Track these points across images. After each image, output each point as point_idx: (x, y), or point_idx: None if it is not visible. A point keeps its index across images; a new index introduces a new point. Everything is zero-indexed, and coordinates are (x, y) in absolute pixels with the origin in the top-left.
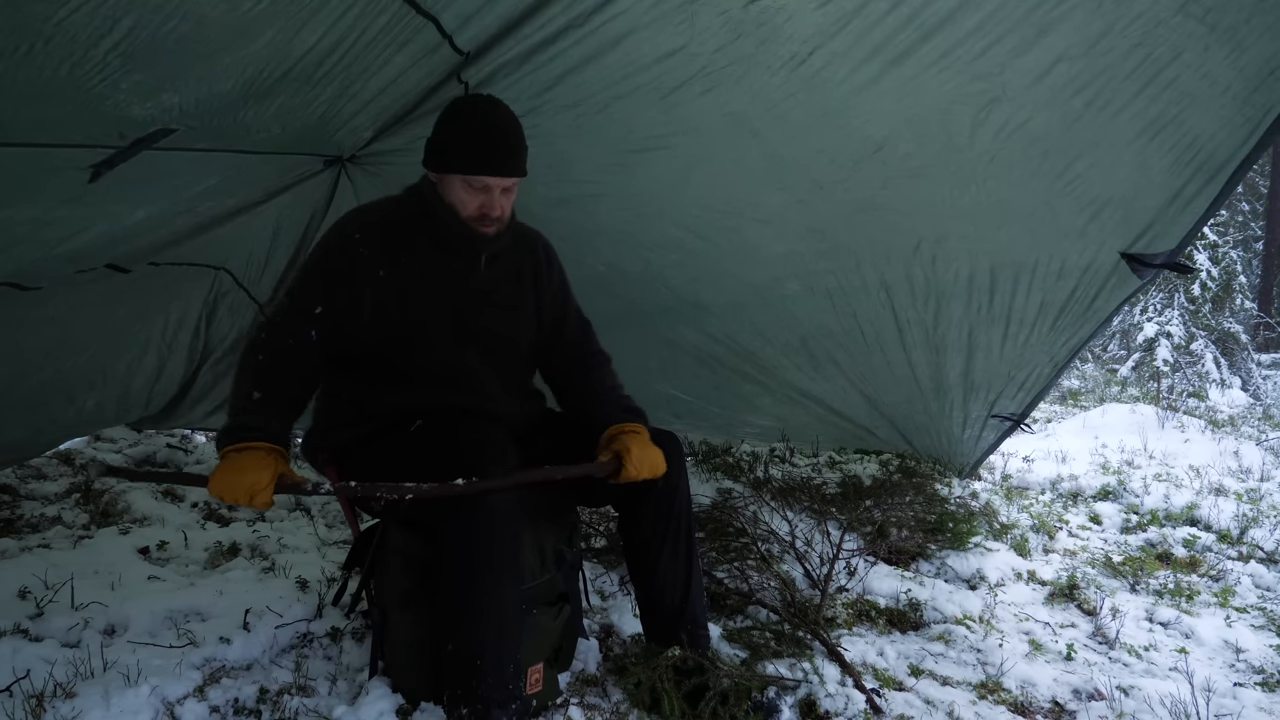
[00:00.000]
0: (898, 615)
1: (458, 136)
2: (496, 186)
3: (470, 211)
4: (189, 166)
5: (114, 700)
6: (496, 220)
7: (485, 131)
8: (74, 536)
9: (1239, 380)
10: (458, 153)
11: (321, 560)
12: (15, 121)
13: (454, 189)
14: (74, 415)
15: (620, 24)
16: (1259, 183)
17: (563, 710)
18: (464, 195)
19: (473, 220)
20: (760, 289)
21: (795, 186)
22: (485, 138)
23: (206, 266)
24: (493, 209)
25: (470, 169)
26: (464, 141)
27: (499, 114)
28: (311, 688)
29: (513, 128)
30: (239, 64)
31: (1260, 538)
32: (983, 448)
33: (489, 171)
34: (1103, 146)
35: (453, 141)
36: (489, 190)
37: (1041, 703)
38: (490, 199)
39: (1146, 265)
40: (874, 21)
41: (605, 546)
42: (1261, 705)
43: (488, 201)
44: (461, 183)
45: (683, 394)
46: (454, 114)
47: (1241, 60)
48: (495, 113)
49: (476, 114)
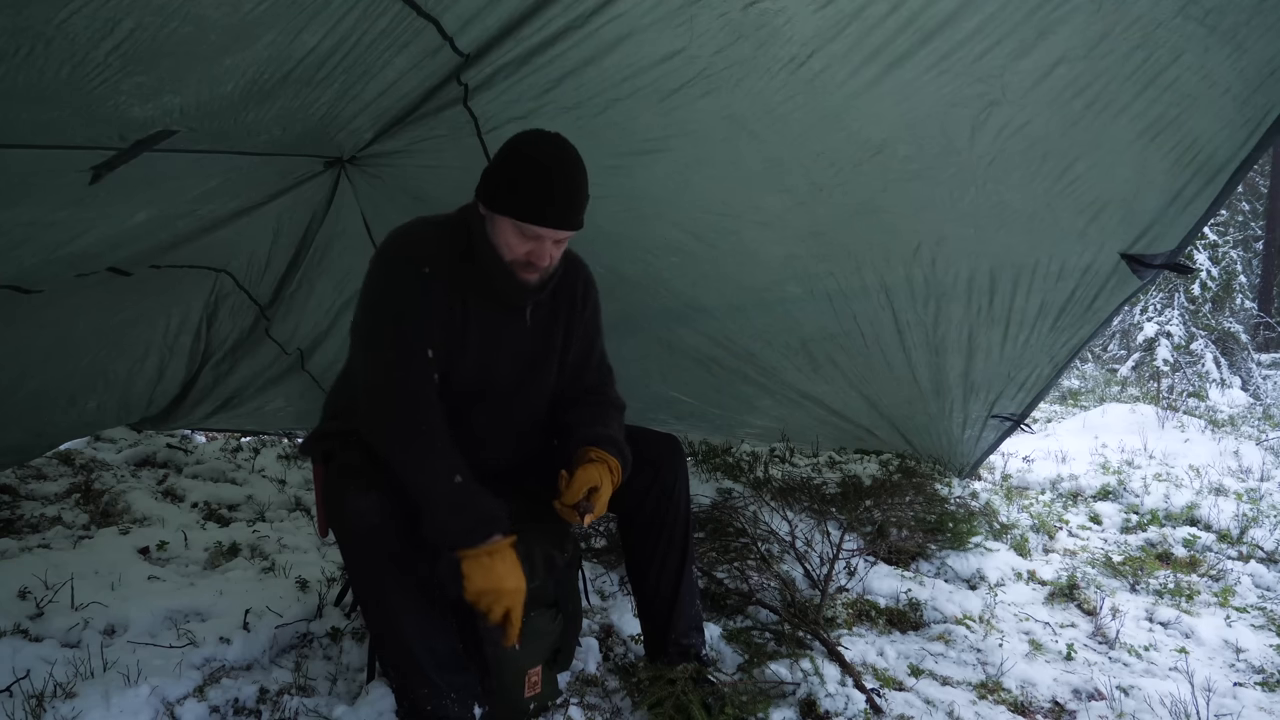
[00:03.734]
0: (898, 615)
1: (517, 178)
2: (550, 238)
3: (516, 256)
4: (190, 168)
5: (114, 700)
6: (543, 270)
7: (546, 179)
8: (74, 536)
9: (1239, 380)
10: (513, 196)
11: (321, 560)
12: (16, 123)
13: (503, 230)
14: (75, 417)
15: (620, 26)
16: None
17: (563, 710)
18: (512, 239)
19: (518, 265)
20: (760, 291)
21: (795, 189)
22: (546, 186)
23: (207, 269)
24: (541, 259)
25: (524, 216)
26: (522, 186)
27: (565, 161)
28: (311, 688)
29: (578, 177)
30: (240, 66)
31: (1260, 538)
32: (983, 448)
33: (544, 223)
34: (1103, 148)
35: (510, 182)
36: (540, 240)
37: (1041, 703)
38: (540, 248)
39: (1146, 266)
40: (873, 24)
41: (605, 546)
42: (1261, 705)
43: (537, 250)
44: (512, 226)
45: (683, 395)
46: (517, 152)
47: (1241, 61)
48: (561, 159)
49: (541, 158)
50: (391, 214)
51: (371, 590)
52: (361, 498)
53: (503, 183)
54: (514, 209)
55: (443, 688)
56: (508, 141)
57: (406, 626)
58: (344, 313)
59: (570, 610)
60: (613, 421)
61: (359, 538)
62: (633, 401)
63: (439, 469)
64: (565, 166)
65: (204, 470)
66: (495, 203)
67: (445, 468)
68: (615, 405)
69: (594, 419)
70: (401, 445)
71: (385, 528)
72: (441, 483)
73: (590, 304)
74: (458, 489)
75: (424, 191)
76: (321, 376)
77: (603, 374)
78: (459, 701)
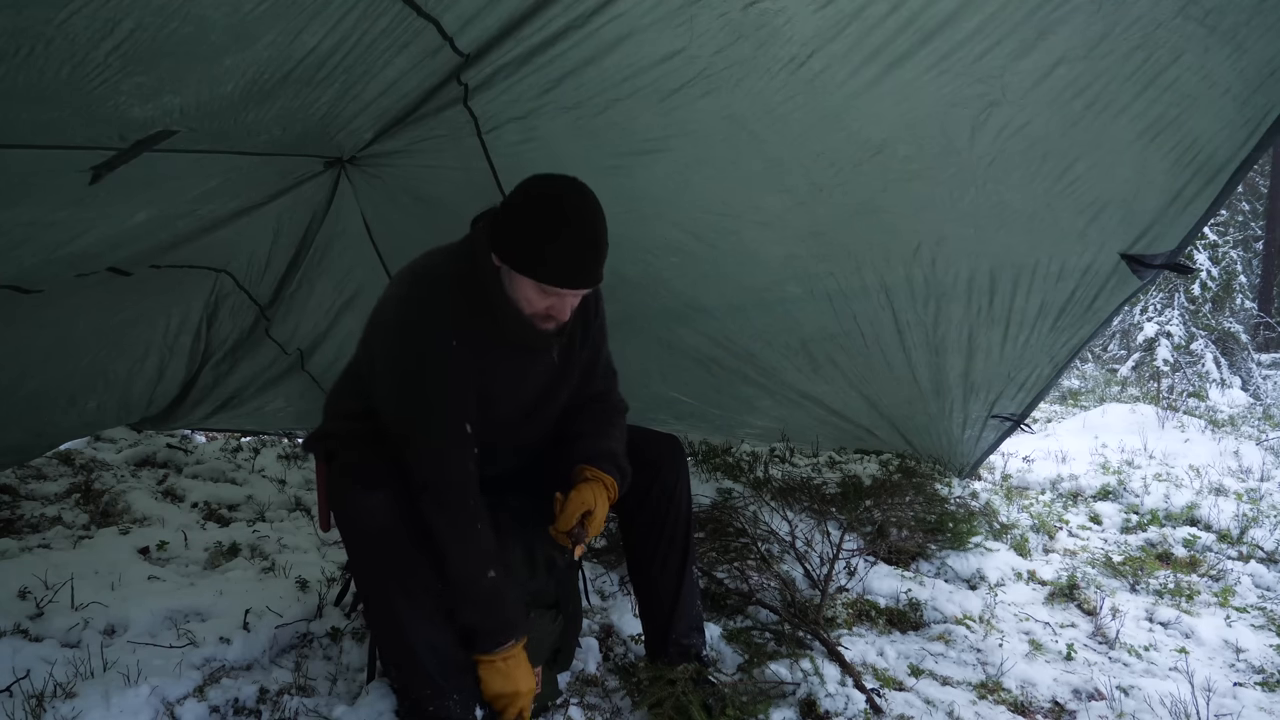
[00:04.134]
0: (898, 615)
1: (541, 246)
2: (570, 295)
3: (536, 310)
4: (190, 168)
5: (114, 700)
6: (562, 322)
7: (573, 247)
8: (74, 536)
9: (1239, 380)
10: (536, 260)
11: (321, 560)
12: (16, 123)
13: (523, 287)
14: (75, 417)
15: (620, 26)
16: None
17: (563, 710)
18: (533, 296)
19: (537, 318)
20: (760, 291)
21: (795, 189)
22: (572, 254)
23: (207, 269)
24: (562, 314)
25: (549, 280)
26: (547, 254)
27: (588, 224)
28: (311, 688)
29: (600, 237)
30: (240, 66)
31: (1260, 538)
32: (983, 448)
33: (568, 286)
34: (1103, 148)
35: (533, 248)
36: (562, 297)
37: (1041, 703)
38: (561, 304)
39: (1146, 266)
40: (873, 24)
41: (605, 546)
42: (1261, 705)
43: (558, 306)
44: (534, 286)
45: (683, 396)
46: (539, 215)
47: (1241, 61)
48: (584, 220)
49: (564, 223)
50: (391, 214)
51: (375, 590)
52: (368, 497)
53: (526, 247)
54: (538, 273)
55: (445, 688)
56: (527, 193)
57: (410, 626)
58: (344, 313)
59: (570, 610)
60: (615, 431)
61: (365, 537)
62: (633, 401)
63: (479, 564)
64: (590, 230)
65: (204, 470)
66: (518, 264)
67: (483, 562)
68: (618, 410)
69: (596, 430)
70: (451, 534)
71: (392, 528)
72: (478, 578)
73: (599, 315)
74: (490, 587)
75: (424, 191)
76: (321, 376)
77: (608, 379)
78: (461, 703)
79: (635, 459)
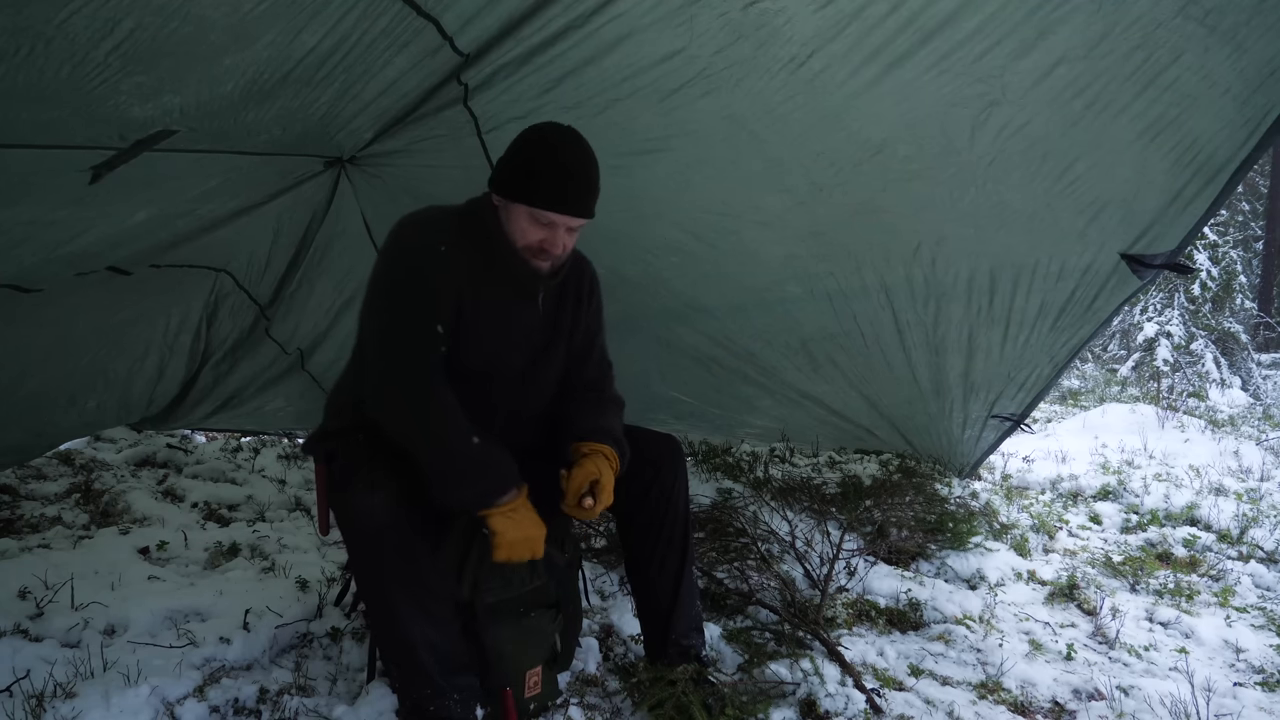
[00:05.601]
0: (898, 615)
1: (534, 168)
2: (563, 225)
3: (530, 242)
4: (190, 168)
5: (114, 700)
6: (555, 257)
7: (562, 168)
8: (74, 536)
9: (1239, 380)
10: (529, 185)
11: (321, 560)
12: (16, 123)
13: (518, 218)
14: (75, 417)
15: (620, 26)
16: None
17: (563, 710)
18: (526, 226)
19: (530, 251)
20: (760, 291)
21: (795, 189)
22: (561, 175)
23: (207, 268)
24: (555, 246)
25: (539, 204)
26: (538, 175)
27: (575, 150)
28: (311, 688)
29: (591, 167)
30: (240, 66)
31: (1260, 538)
32: (983, 448)
33: (560, 210)
34: (1103, 148)
35: (527, 171)
36: (554, 227)
37: (1041, 703)
38: (554, 236)
39: (1146, 266)
40: (873, 24)
41: (605, 546)
42: (1261, 705)
43: (550, 238)
44: (527, 214)
45: (683, 395)
46: (532, 143)
47: (1241, 61)
48: (570, 148)
49: (550, 146)
50: (392, 214)
51: (375, 589)
52: (367, 496)
53: (519, 172)
54: (530, 197)
55: (445, 688)
56: (523, 133)
57: (410, 626)
58: (344, 313)
59: (570, 610)
60: (611, 416)
61: (364, 537)
62: (633, 401)
63: (458, 432)
64: (580, 157)
65: (204, 470)
66: (511, 191)
67: (463, 430)
68: (614, 401)
69: (592, 413)
70: (415, 412)
71: (391, 527)
72: (463, 446)
73: (595, 300)
74: (478, 450)
75: (424, 191)
76: (322, 376)
77: (603, 369)
78: (461, 702)
79: (634, 458)
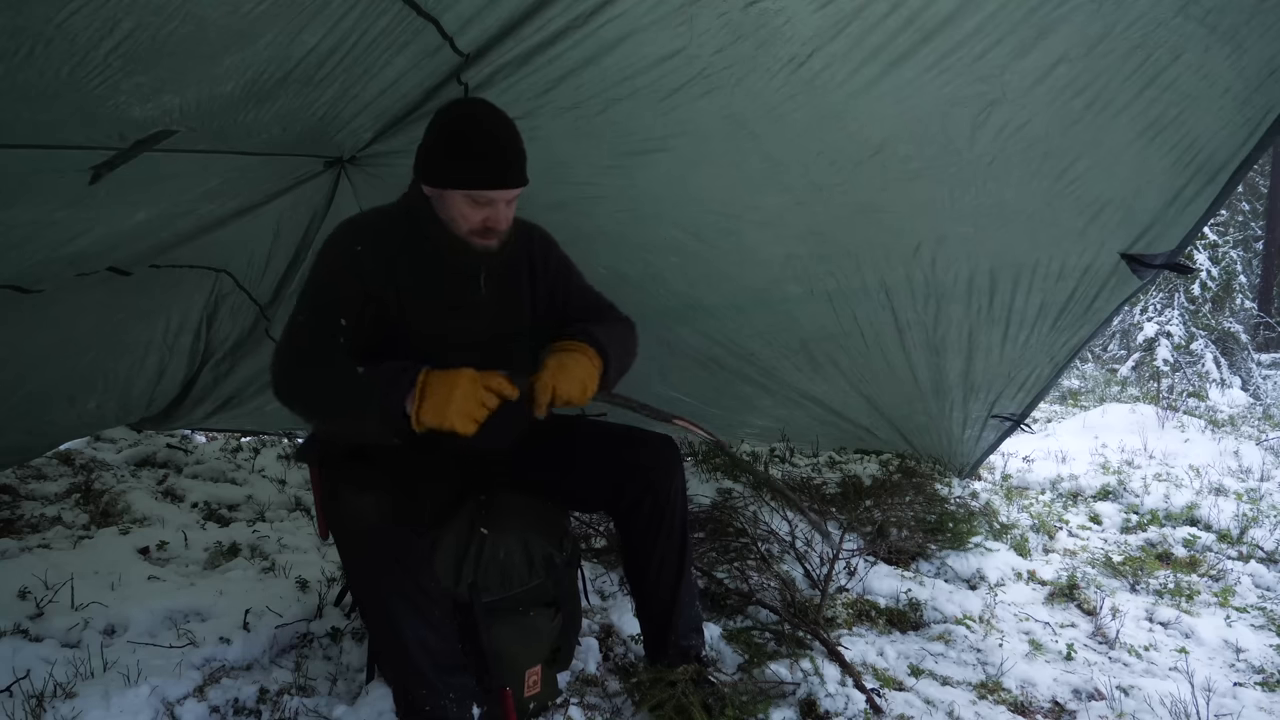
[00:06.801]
0: (898, 615)
1: (457, 151)
2: (501, 199)
3: (474, 225)
4: (189, 168)
5: (114, 700)
6: (500, 232)
7: (487, 145)
8: (74, 536)
9: (1239, 380)
10: (458, 169)
11: (321, 560)
12: (15, 123)
13: (454, 204)
14: (75, 417)
15: (620, 25)
16: (1259, 183)
17: (563, 710)
18: (466, 210)
19: (475, 234)
20: (760, 291)
21: (795, 189)
22: (488, 152)
23: (207, 269)
24: (499, 222)
25: (474, 185)
26: (465, 157)
27: (498, 123)
28: (311, 688)
29: (513, 136)
30: (239, 66)
31: (1260, 538)
32: (983, 448)
33: (496, 186)
34: (1103, 148)
35: (451, 156)
36: (494, 204)
37: (1041, 703)
38: (495, 212)
39: (1146, 266)
40: (873, 23)
41: (605, 546)
42: (1261, 705)
43: (493, 215)
44: (464, 198)
45: (683, 395)
46: (448, 125)
47: (1241, 61)
48: (493, 122)
49: (474, 125)
50: None
51: (369, 591)
52: (359, 498)
53: (443, 158)
54: (462, 180)
55: (441, 688)
56: (436, 116)
57: (405, 627)
58: None
59: (570, 610)
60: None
61: (357, 539)
62: None
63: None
64: (501, 129)
65: (204, 470)
66: (442, 178)
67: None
68: (620, 320)
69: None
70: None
71: (383, 528)
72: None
73: (553, 261)
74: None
75: None
76: None
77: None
78: (458, 702)
79: (630, 462)
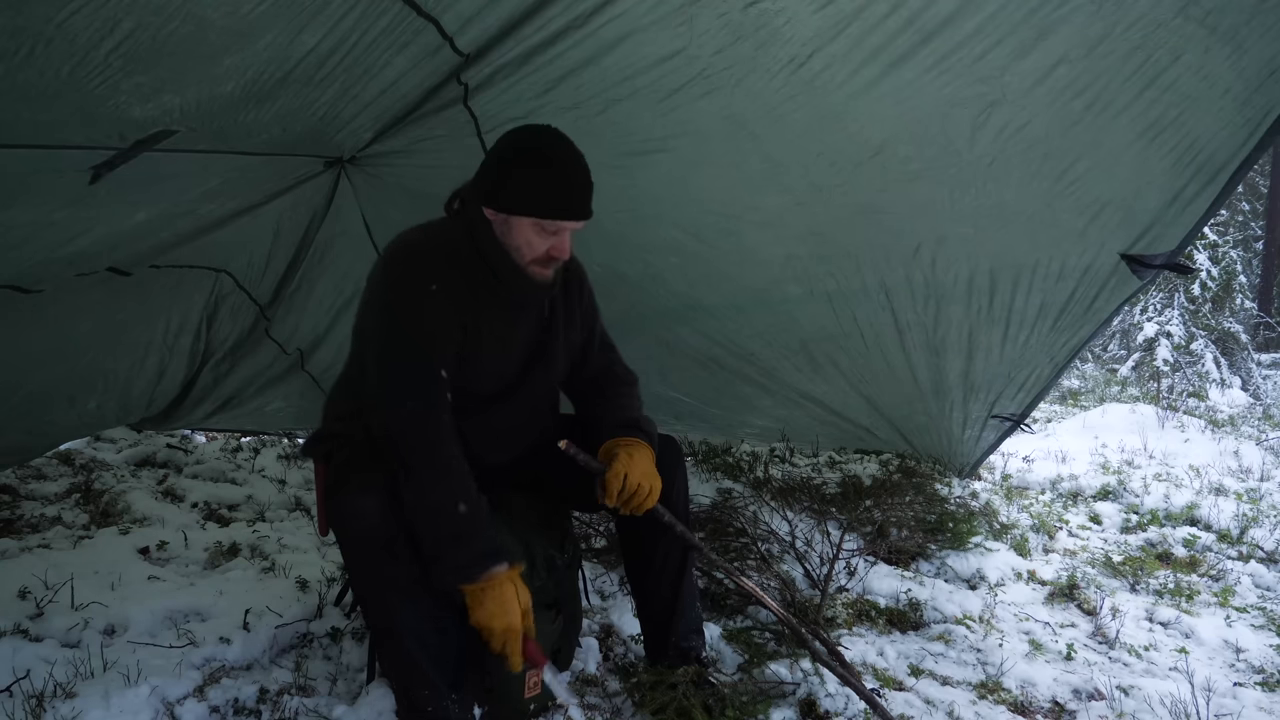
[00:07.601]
0: (898, 615)
1: (534, 179)
2: (568, 229)
3: (538, 254)
4: (190, 168)
5: (114, 700)
6: (560, 263)
7: (566, 173)
8: (74, 536)
9: (1239, 380)
10: (535, 196)
11: (321, 560)
12: (15, 123)
13: (522, 231)
14: (75, 418)
15: (620, 26)
16: (1259, 183)
17: (563, 710)
18: (534, 238)
19: (537, 263)
20: (760, 291)
21: (794, 189)
22: (565, 181)
23: (207, 269)
24: (563, 252)
25: (550, 214)
26: (543, 185)
27: (573, 152)
28: (311, 688)
29: (586, 167)
30: (240, 66)
31: (1260, 538)
32: (983, 448)
33: (571, 216)
34: (1103, 148)
35: (528, 184)
36: (561, 234)
37: (1041, 702)
38: (562, 242)
39: (1146, 266)
40: (873, 24)
41: (605, 546)
42: (1261, 705)
43: (559, 245)
44: (533, 225)
45: (683, 396)
46: (525, 153)
47: (1242, 62)
48: (570, 151)
49: (554, 155)
50: (391, 214)
51: (371, 590)
52: (362, 497)
53: (518, 185)
54: (539, 208)
55: (443, 688)
56: (507, 141)
57: (406, 627)
58: (344, 313)
59: (570, 610)
60: (629, 400)
61: (359, 537)
62: None
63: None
64: (576, 157)
65: (204, 470)
66: (514, 205)
67: (450, 498)
68: (626, 382)
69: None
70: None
71: (385, 528)
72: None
73: (587, 291)
74: (464, 518)
75: (424, 191)
76: (321, 377)
77: (605, 351)
78: (459, 702)
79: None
